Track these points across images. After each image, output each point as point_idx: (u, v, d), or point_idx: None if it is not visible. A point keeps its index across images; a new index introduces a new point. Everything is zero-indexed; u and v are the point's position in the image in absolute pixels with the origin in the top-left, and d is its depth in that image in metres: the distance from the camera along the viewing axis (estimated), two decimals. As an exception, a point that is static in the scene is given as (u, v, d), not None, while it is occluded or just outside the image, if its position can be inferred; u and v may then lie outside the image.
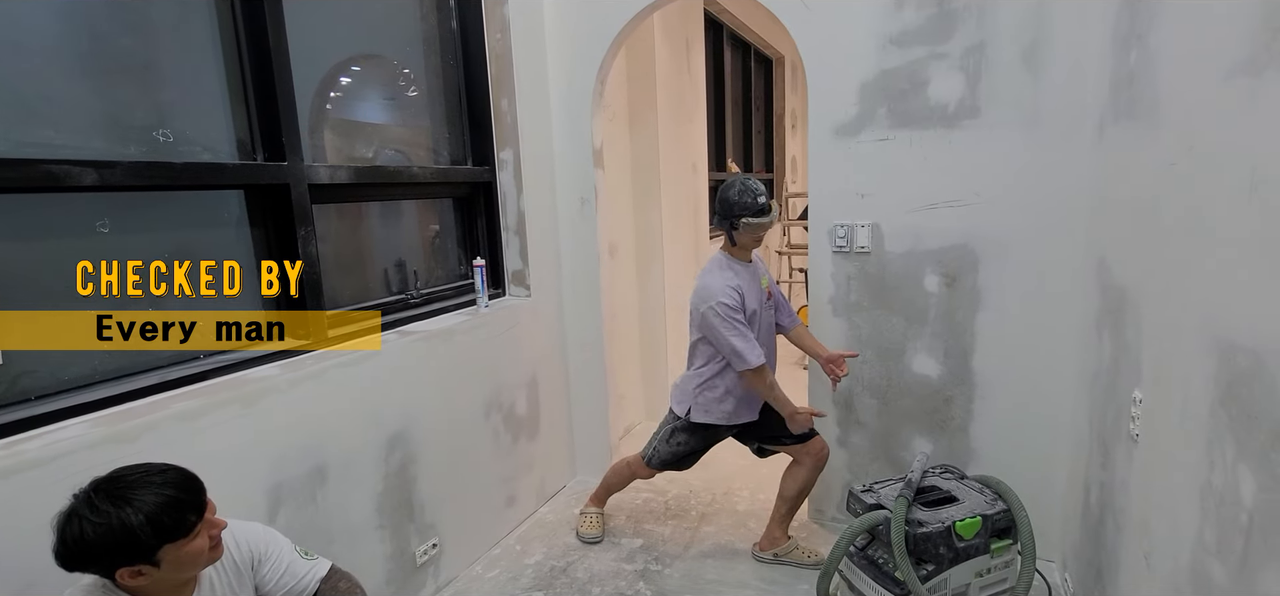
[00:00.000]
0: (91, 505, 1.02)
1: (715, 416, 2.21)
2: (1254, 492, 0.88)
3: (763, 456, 2.39)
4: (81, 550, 1.01)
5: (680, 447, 2.30)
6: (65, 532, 1.01)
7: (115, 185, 1.47)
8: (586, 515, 2.56)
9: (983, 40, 1.99)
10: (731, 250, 2.16)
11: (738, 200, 2.07)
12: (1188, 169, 1.15)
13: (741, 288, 2.09)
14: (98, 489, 1.04)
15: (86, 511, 1.01)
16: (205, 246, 1.74)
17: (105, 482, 1.05)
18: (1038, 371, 2.09)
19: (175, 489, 1.07)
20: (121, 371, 1.54)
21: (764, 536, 2.36)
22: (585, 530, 2.52)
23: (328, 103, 2.11)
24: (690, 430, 2.26)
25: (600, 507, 2.58)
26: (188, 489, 1.10)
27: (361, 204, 2.24)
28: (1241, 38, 0.96)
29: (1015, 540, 1.79)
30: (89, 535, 1.00)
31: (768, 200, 2.07)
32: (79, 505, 1.03)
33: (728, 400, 2.19)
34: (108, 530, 1.00)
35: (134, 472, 1.07)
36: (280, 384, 1.69)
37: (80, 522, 1.01)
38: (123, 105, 1.56)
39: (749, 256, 2.20)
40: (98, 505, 1.02)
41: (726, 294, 2.05)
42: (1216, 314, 1.02)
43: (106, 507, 1.01)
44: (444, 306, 2.43)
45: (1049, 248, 2.00)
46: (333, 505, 1.82)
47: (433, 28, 2.45)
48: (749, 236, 2.11)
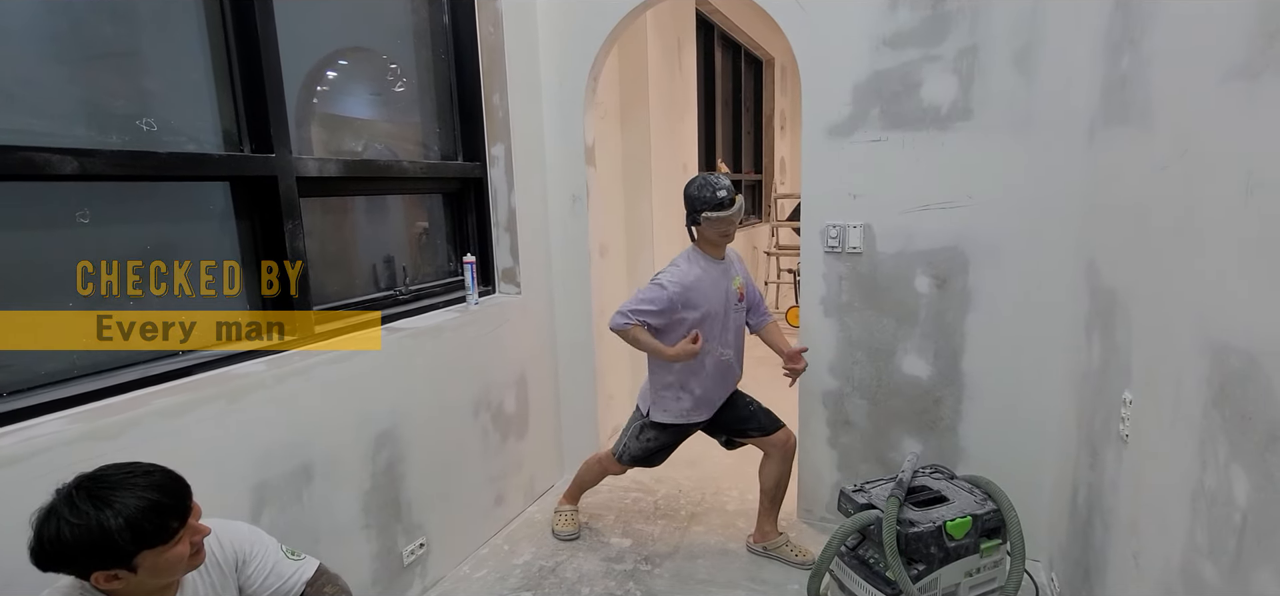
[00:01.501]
0: (71, 504, 0.98)
1: (672, 415, 2.23)
2: (1248, 493, 0.89)
3: (731, 448, 2.40)
4: (57, 551, 0.98)
5: (649, 444, 2.31)
6: (42, 531, 0.98)
7: (96, 175, 1.43)
8: (561, 513, 2.55)
9: (975, 43, 2.01)
10: (701, 245, 2.17)
11: (698, 194, 2.09)
12: (1181, 172, 1.16)
13: (691, 285, 2.09)
14: (80, 487, 1.01)
15: (65, 510, 0.98)
16: (189, 239, 1.70)
17: (88, 481, 1.02)
18: (1026, 373, 2.10)
19: (158, 492, 1.03)
20: (100, 366, 1.50)
21: (756, 529, 2.38)
22: (561, 528, 2.51)
23: (314, 96, 2.08)
24: (656, 428, 2.28)
25: (574, 504, 2.58)
26: (172, 493, 1.06)
27: (350, 198, 2.21)
28: (1237, 41, 0.97)
29: (1004, 540, 1.80)
30: (66, 536, 0.97)
31: (729, 194, 2.07)
32: (59, 503, 0.99)
33: (684, 398, 2.21)
34: (85, 531, 0.97)
35: (118, 472, 1.04)
36: (266, 380, 1.65)
37: (58, 522, 0.97)
38: (105, 92, 1.52)
39: (721, 253, 2.18)
40: (78, 504, 0.98)
41: (659, 284, 2.10)
42: (1210, 316, 1.03)
43: (86, 508, 0.98)
44: (433, 303, 2.40)
45: (1039, 250, 2.02)
46: (318, 504, 1.79)
47: (423, 20, 2.42)
48: (713, 230, 2.10)
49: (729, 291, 2.18)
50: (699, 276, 2.11)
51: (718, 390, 2.23)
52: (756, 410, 2.30)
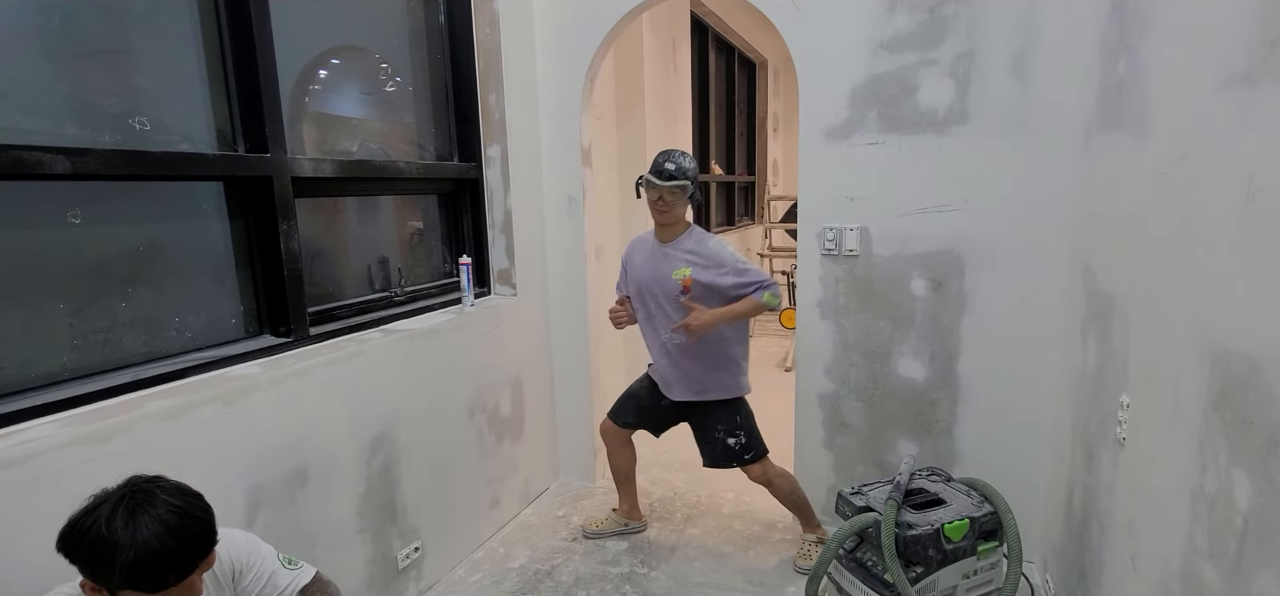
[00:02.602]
0: (114, 508, 0.96)
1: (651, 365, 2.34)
2: (1250, 497, 0.89)
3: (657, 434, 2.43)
4: (75, 539, 0.95)
5: (630, 385, 2.40)
6: (81, 519, 0.96)
7: (88, 174, 1.41)
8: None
9: (972, 47, 2.02)
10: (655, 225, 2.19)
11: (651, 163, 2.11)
12: (1180, 177, 1.17)
13: (629, 255, 2.24)
14: (135, 492, 0.99)
15: (108, 511, 0.96)
16: (183, 240, 1.68)
17: (140, 491, 0.99)
18: (1022, 376, 2.12)
19: (174, 541, 0.98)
20: (92, 369, 1.48)
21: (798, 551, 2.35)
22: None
23: (307, 96, 2.06)
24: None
25: (615, 510, 2.55)
26: (187, 545, 1.00)
27: (345, 199, 2.19)
28: (1238, 48, 0.97)
29: (1001, 542, 1.81)
30: (92, 531, 0.95)
31: (672, 165, 2.02)
32: (111, 502, 0.97)
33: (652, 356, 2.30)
34: (99, 539, 0.95)
35: (164, 490, 1.01)
36: (261, 382, 1.63)
37: (96, 518, 0.96)
38: (97, 90, 1.50)
39: (664, 233, 2.14)
40: (115, 512, 0.96)
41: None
42: (1210, 320, 1.03)
43: (116, 519, 0.96)
44: (428, 304, 2.38)
45: (1035, 254, 2.04)
46: (314, 507, 1.77)
47: (420, 20, 2.41)
48: (649, 195, 2.08)
49: (666, 278, 2.10)
50: (635, 250, 2.23)
51: (668, 373, 2.22)
52: (719, 441, 2.19)
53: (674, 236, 2.14)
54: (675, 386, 2.22)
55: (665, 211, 2.07)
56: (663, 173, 2.03)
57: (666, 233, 2.14)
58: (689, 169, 2.05)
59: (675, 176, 2.02)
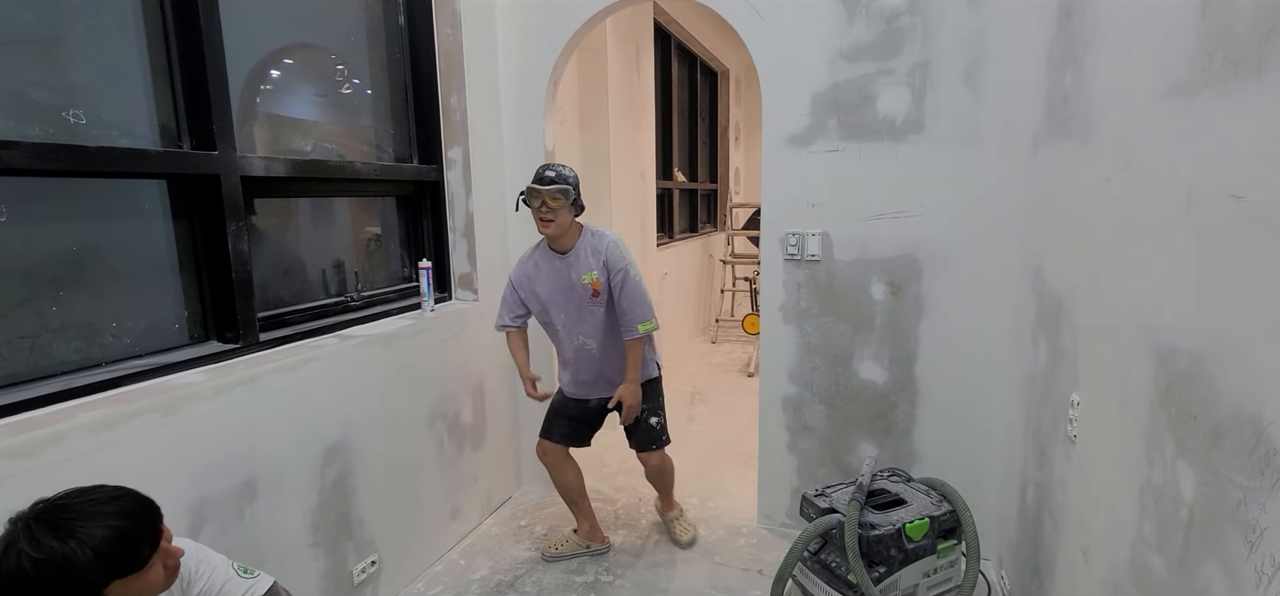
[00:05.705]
0: (31, 536, 0.90)
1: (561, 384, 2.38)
2: (1194, 489, 0.93)
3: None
4: (19, 586, 0.89)
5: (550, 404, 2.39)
6: (1, 566, 0.89)
7: (15, 168, 1.32)
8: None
9: (928, 58, 2.08)
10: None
11: None
12: (1124, 183, 1.22)
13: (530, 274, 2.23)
14: (39, 517, 0.92)
15: (25, 543, 0.89)
16: (121, 240, 1.59)
17: (49, 510, 0.93)
18: (977, 377, 2.18)
19: (128, 520, 0.97)
20: (16, 378, 1.38)
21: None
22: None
23: (257, 96, 1.98)
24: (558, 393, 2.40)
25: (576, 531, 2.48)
26: (142, 518, 1.00)
27: (299, 200, 2.11)
28: (1177, 60, 1.02)
29: (960, 540, 1.85)
30: (28, 571, 0.88)
31: (552, 172, 2.06)
32: (17, 534, 0.90)
33: (564, 374, 2.34)
34: (50, 566, 0.89)
35: (82, 498, 0.96)
36: (206, 391, 1.55)
37: (19, 556, 0.89)
38: (25, 80, 1.40)
39: (556, 244, 2.15)
40: (39, 537, 0.89)
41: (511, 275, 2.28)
42: (1155, 319, 1.08)
43: (49, 541, 0.89)
44: (387, 310, 2.32)
45: (988, 259, 2.10)
46: (263, 522, 1.69)
47: (378, 19, 2.35)
48: (533, 204, 2.09)
49: (575, 285, 2.17)
50: (532, 273, 2.23)
51: (587, 373, 2.28)
52: (644, 421, 2.30)
53: (571, 244, 2.17)
54: (598, 385, 2.29)
55: (550, 219, 2.09)
56: (543, 179, 2.07)
57: (559, 242, 2.16)
58: (568, 175, 2.11)
59: (555, 181, 2.07)
